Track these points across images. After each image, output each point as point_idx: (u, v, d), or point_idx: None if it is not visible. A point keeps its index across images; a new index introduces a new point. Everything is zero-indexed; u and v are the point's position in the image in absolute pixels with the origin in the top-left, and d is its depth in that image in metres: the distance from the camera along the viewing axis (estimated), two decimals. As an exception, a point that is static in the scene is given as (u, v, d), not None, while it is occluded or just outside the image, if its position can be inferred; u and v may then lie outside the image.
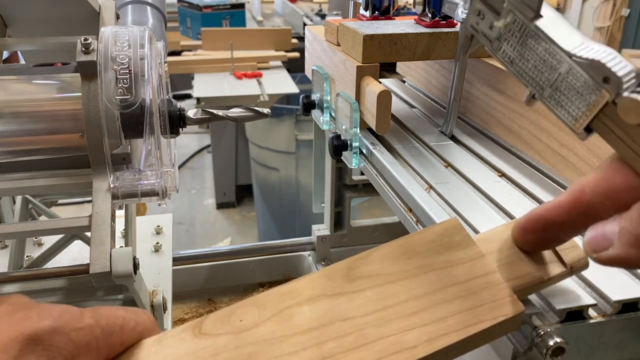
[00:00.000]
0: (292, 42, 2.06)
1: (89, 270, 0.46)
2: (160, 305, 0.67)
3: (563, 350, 0.34)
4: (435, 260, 0.30)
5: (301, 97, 0.80)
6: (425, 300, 0.28)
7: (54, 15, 0.61)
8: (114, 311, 0.26)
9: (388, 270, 0.29)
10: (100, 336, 0.24)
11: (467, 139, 0.65)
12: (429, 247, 0.30)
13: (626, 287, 0.38)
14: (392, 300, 0.28)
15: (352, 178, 0.93)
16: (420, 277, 0.29)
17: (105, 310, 0.25)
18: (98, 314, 0.25)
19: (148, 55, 0.50)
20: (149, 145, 0.50)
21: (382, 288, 0.28)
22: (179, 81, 2.38)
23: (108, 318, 0.25)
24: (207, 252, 0.99)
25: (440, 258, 0.30)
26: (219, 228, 2.56)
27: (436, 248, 0.30)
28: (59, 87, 0.54)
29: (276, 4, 2.99)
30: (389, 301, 0.28)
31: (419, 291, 0.28)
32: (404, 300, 0.28)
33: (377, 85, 0.61)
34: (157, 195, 0.51)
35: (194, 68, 1.92)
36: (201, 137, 3.37)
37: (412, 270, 0.29)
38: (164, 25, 0.94)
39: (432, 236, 0.31)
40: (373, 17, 0.73)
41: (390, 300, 0.28)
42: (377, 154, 0.61)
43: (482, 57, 0.66)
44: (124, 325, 0.25)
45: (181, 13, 2.24)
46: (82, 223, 0.50)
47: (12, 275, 0.52)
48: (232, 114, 0.57)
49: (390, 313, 0.27)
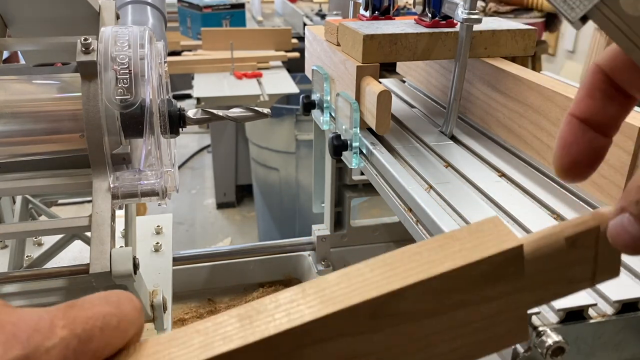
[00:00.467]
0: (292, 42, 2.06)
1: (89, 270, 0.46)
2: (160, 305, 0.67)
3: (563, 350, 0.34)
4: (475, 296, 0.25)
5: (301, 97, 0.80)
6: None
7: (54, 15, 0.61)
8: (92, 310, 0.22)
9: (421, 308, 0.25)
10: (78, 347, 0.22)
11: (467, 139, 0.65)
12: (475, 281, 0.25)
13: (626, 287, 0.38)
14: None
15: (352, 178, 0.93)
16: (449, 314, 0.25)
17: (81, 312, 0.22)
18: (72, 321, 0.22)
19: (148, 55, 0.50)
20: (149, 145, 0.50)
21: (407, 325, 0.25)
22: (179, 81, 2.38)
23: (85, 322, 0.22)
24: (207, 252, 0.99)
25: (483, 293, 0.25)
26: (219, 228, 2.56)
27: (484, 281, 0.25)
28: (59, 87, 0.54)
29: (276, 4, 2.99)
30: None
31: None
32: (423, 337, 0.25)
33: (377, 85, 0.61)
34: (157, 195, 0.51)
35: (194, 68, 1.92)
36: (201, 137, 3.37)
37: (444, 308, 0.25)
38: (164, 25, 0.94)
39: (486, 266, 0.25)
40: (373, 17, 0.73)
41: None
42: (377, 154, 0.61)
43: (482, 57, 0.66)
44: (105, 326, 0.22)
45: (181, 13, 2.24)
46: (82, 223, 0.50)
47: (12, 275, 0.52)
48: (232, 114, 0.58)
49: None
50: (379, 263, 0.25)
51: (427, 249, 0.25)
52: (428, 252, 0.25)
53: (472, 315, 0.25)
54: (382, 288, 0.23)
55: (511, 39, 0.67)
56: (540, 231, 0.26)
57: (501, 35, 0.66)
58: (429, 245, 0.25)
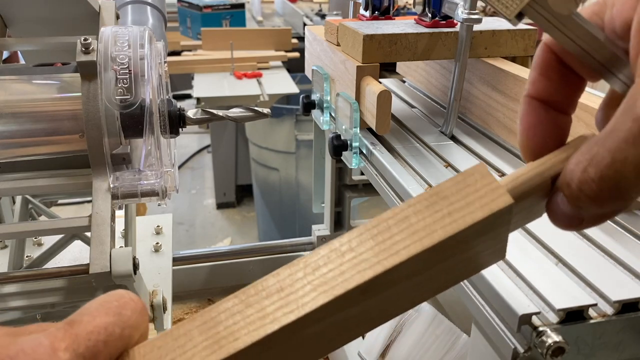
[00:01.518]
0: (292, 42, 2.05)
1: (88, 270, 0.46)
2: (160, 305, 0.67)
3: (563, 351, 0.34)
4: (463, 250, 0.24)
5: (301, 97, 0.80)
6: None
7: (54, 15, 0.61)
8: (93, 323, 0.21)
9: (409, 272, 0.24)
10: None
11: (467, 139, 0.65)
12: (466, 240, 0.24)
13: (626, 287, 0.38)
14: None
15: (352, 178, 0.93)
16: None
17: (81, 328, 0.21)
18: (74, 340, 0.21)
19: (148, 55, 0.50)
20: (149, 145, 0.50)
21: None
22: (179, 81, 2.38)
23: (87, 339, 0.21)
24: (207, 252, 1.00)
25: (471, 246, 0.24)
26: (219, 228, 2.56)
27: (473, 238, 0.24)
28: (59, 87, 0.54)
29: (276, 4, 2.99)
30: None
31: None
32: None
33: (377, 85, 0.61)
34: (157, 195, 0.51)
35: (194, 68, 1.92)
36: (201, 137, 3.37)
37: (432, 264, 0.24)
38: (164, 25, 0.94)
39: (477, 228, 0.24)
40: (373, 17, 0.73)
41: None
42: (377, 154, 0.61)
43: (482, 57, 0.66)
44: (108, 339, 0.21)
45: (181, 13, 2.24)
46: (82, 223, 0.50)
47: (11, 275, 0.52)
48: (232, 114, 0.58)
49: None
50: (366, 235, 0.24)
51: (414, 212, 0.24)
52: (416, 216, 0.24)
53: (457, 260, 0.25)
54: (374, 268, 0.23)
55: (511, 39, 0.67)
56: (523, 171, 0.26)
57: (501, 35, 0.66)
58: (417, 206, 0.24)
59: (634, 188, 0.22)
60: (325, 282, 0.23)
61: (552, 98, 0.27)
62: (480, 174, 0.25)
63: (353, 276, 0.23)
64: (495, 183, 0.25)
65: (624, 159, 0.22)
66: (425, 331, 0.75)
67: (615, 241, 0.44)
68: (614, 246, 0.43)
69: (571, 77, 0.27)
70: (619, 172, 0.22)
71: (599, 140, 0.23)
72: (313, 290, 0.23)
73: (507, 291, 0.37)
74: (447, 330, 0.74)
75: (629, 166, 0.22)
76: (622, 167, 0.22)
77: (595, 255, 0.43)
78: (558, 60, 0.27)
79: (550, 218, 0.26)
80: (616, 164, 0.22)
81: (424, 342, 0.76)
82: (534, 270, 0.40)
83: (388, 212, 0.25)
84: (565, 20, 0.25)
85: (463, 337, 0.72)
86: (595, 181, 0.23)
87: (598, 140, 0.23)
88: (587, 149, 0.23)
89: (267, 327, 0.22)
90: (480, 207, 0.24)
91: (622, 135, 0.22)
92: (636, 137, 0.21)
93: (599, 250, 0.43)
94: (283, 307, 0.23)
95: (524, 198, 0.25)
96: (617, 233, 0.45)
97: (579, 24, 0.25)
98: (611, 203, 0.23)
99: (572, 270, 0.41)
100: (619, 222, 0.47)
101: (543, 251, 0.43)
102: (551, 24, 0.25)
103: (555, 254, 0.43)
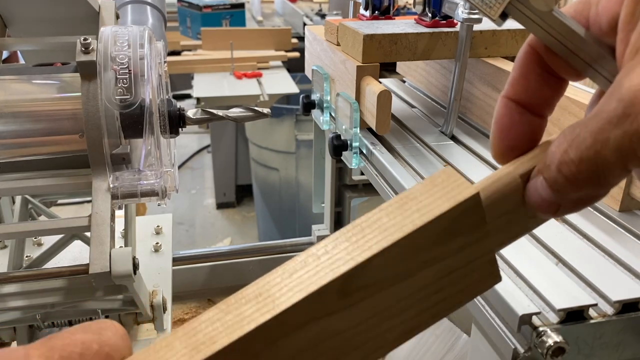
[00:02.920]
0: (292, 42, 2.05)
1: (88, 270, 0.46)
2: (160, 305, 0.67)
3: (563, 351, 0.34)
4: (441, 252, 0.25)
5: (301, 97, 0.80)
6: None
7: (54, 15, 0.61)
8: (70, 338, 0.22)
9: (389, 275, 0.25)
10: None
11: (467, 139, 0.65)
12: (438, 238, 0.25)
13: (626, 287, 0.38)
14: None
15: (352, 178, 0.93)
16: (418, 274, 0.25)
17: (58, 340, 0.22)
18: (49, 349, 0.21)
19: (148, 55, 0.50)
20: (148, 145, 0.50)
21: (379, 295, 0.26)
22: (179, 81, 2.38)
23: (62, 349, 0.21)
24: (207, 252, 1.00)
25: (448, 248, 0.25)
26: (219, 228, 2.56)
27: (446, 236, 0.25)
28: (58, 87, 0.54)
29: (276, 4, 2.99)
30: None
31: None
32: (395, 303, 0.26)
33: (377, 85, 0.61)
34: (157, 195, 0.51)
35: (194, 68, 1.92)
36: (201, 137, 3.37)
37: (412, 271, 0.25)
38: (164, 25, 0.94)
39: (445, 221, 0.24)
40: (373, 17, 0.73)
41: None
42: (377, 154, 0.61)
43: (482, 57, 0.66)
44: (85, 352, 0.22)
45: (181, 13, 2.24)
46: (82, 223, 0.50)
47: (11, 275, 0.52)
48: (232, 114, 0.57)
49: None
50: (341, 238, 0.25)
51: (386, 214, 0.25)
52: (387, 217, 0.25)
53: (442, 271, 0.25)
54: (347, 263, 0.23)
55: (511, 39, 0.67)
56: (494, 174, 0.26)
57: (501, 35, 0.66)
58: (388, 209, 0.25)
59: (613, 172, 0.22)
60: (301, 282, 0.23)
61: (530, 100, 0.27)
62: (447, 174, 0.25)
63: (327, 274, 0.23)
64: (461, 179, 0.25)
65: (606, 139, 0.21)
66: (426, 331, 0.75)
67: (615, 241, 0.44)
68: (614, 246, 0.43)
69: (551, 80, 0.27)
70: (599, 154, 0.21)
71: (582, 123, 0.22)
72: (289, 291, 0.23)
73: (507, 291, 0.37)
74: (447, 330, 0.74)
75: (610, 147, 0.21)
76: (603, 149, 0.21)
77: (595, 255, 0.43)
78: (540, 62, 0.27)
79: (528, 202, 0.25)
80: (597, 144, 0.21)
81: (424, 342, 0.76)
82: (534, 270, 0.40)
83: (362, 217, 0.25)
84: (546, 17, 0.25)
85: (463, 337, 0.72)
86: (575, 162, 0.22)
87: (581, 122, 0.22)
88: (569, 131, 0.23)
89: (245, 327, 0.22)
90: (447, 200, 0.24)
91: (605, 116, 0.21)
92: (620, 117, 0.21)
93: (599, 250, 0.43)
94: (260, 309, 0.23)
95: (494, 197, 0.25)
96: (617, 233, 0.45)
97: (560, 21, 0.25)
98: (589, 187, 0.23)
99: (572, 270, 0.41)
100: (619, 222, 0.47)
101: (543, 251, 0.43)
102: (534, 22, 0.25)
103: (555, 254, 0.43)
